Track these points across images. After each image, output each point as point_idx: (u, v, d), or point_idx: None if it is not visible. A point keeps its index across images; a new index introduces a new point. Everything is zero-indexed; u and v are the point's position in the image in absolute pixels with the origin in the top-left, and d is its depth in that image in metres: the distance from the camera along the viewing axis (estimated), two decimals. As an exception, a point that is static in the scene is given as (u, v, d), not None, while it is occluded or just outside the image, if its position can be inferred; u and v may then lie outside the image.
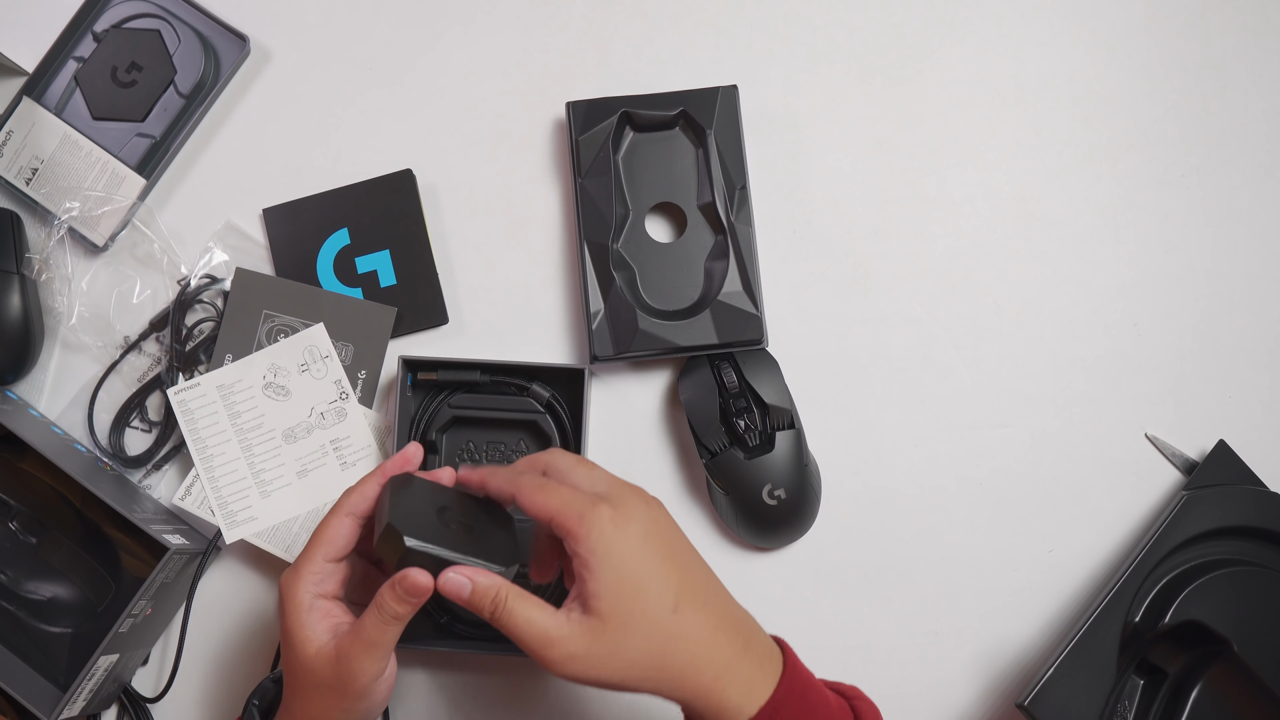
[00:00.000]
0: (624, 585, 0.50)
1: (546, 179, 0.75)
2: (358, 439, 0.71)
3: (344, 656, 0.53)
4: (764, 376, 0.70)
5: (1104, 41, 0.76)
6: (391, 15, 0.77)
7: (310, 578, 0.54)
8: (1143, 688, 0.67)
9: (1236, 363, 0.73)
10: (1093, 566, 0.71)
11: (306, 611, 0.54)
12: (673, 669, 0.50)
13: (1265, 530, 0.67)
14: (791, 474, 0.69)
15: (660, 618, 0.50)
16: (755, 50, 0.76)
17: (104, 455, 0.73)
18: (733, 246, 0.70)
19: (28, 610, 0.71)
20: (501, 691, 0.71)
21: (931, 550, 0.72)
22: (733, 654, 0.51)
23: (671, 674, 0.50)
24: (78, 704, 0.66)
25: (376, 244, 0.74)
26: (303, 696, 0.54)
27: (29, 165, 0.75)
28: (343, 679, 0.53)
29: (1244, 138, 0.75)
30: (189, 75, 0.75)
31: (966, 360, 0.73)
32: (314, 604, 0.54)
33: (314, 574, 0.54)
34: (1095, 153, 0.75)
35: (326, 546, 0.55)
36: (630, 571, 0.50)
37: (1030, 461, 0.72)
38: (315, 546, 0.55)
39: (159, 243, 0.75)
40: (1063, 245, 0.74)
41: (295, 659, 0.54)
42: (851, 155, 0.75)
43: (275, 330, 0.73)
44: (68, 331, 0.74)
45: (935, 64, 0.76)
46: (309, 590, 0.54)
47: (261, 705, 0.59)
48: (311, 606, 0.54)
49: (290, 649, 0.54)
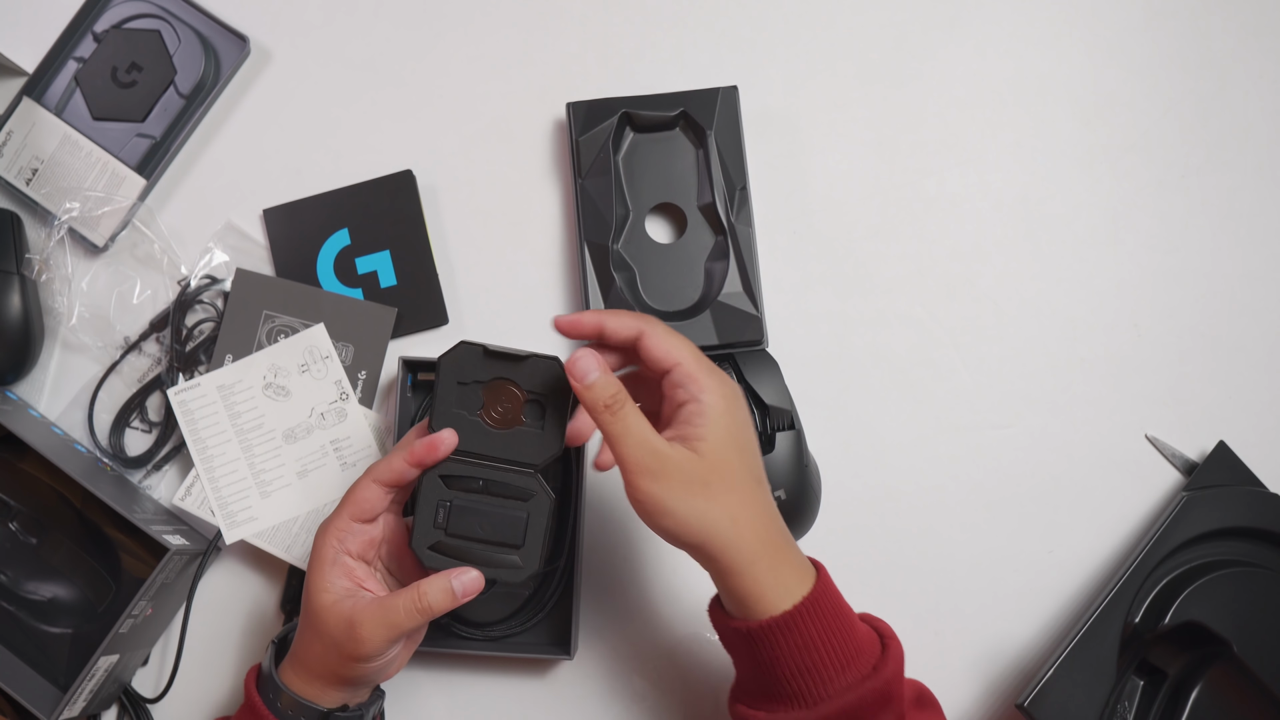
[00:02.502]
0: (731, 440, 0.53)
1: (547, 179, 0.75)
2: (358, 439, 0.71)
3: (360, 623, 0.55)
4: (764, 377, 0.70)
5: (1104, 42, 0.76)
6: (391, 16, 0.77)
7: (335, 533, 0.57)
8: (1143, 688, 0.67)
9: (1236, 363, 0.73)
10: (1093, 567, 0.71)
11: (330, 564, 0.57)
12: (737, 530, 0.53)
13: (1265, 531, 0.67)
14: (792, 474, 0.69)
15: (746, 480, 0.54)
16: (755, 50, 0.76)
17: (104, 455, 0.73)
18: (733, 247, 0.70)
19: (28, 611, 0.71)
20: (502, 692, 0.71)
21: (931, 550, 0.72)
22: (784, 544, 0.55)
23: (733, 536, 0.53)
24: (78, 704, 0.66)
25: (377, 244, 0.74)
26: (309, 639, 0.58)
27: (29, 165, 0.75)
28: (349, 640, 0.56)
29: (1244, 138, 0.75)
30: (189, 75, 0.75)
31: (966, 361, 0.73)
32: (337, 558, 0.57)
33: (339, 529, 0.57)
34: (1095, 153, 0.75)
35: (353, 506, 0.58)
36: (736, 433, 0.54)
37: (1030, 462, 0.72)
38: (344, 505, 0.58)
39: (159, 243, 0.75)
40: (1063, 246, 0.74)
41: (309, 604, 0.57)
42: (852, 156, 0.75)
43: (275, 331, 0.73)
44: (68, 332, 0.74)
45: (935, 64, 0.76)
46: (333, 544, 0.57)
47: (281, 648, 0.61)
48: (335, 560, 0.57)
49: (307, 594, 0.57)
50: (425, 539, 0.57)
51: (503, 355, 0.57)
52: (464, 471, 0.58)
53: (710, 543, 0.52)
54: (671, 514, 0.52)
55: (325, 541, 0.57)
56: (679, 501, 0.52)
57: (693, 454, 0.53)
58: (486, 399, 0.58)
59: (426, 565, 0.57)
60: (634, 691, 0.71)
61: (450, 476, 0.58)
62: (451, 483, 0.58)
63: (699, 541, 0.52)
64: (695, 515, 0.52)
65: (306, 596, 0.58)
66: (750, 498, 0.54)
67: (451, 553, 0.58)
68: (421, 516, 0.57)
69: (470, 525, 0.58)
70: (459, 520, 0.58)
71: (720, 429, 0.53)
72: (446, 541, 0.58)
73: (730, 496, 0.53)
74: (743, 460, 0.54)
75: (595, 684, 0.71)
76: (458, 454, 0.58)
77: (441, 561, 0.57)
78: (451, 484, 0.58)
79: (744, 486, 0.54)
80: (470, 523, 0.58)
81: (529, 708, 0.71)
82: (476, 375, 0.57)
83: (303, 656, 0.58)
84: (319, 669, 0.58)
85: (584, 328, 0.57)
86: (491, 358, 0.57)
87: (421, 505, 0.57)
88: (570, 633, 0.68)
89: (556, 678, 0.71)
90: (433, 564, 0.57)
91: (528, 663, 0.71)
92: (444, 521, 0.57)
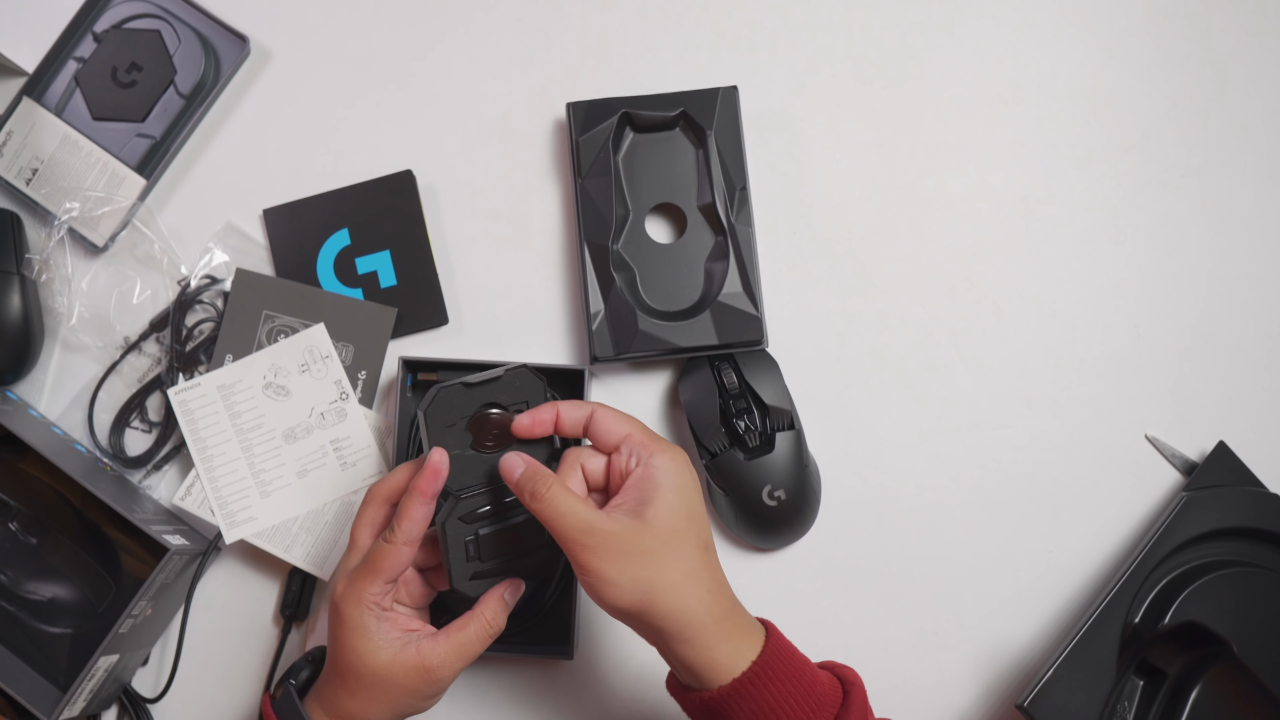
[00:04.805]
0: (679, 508, 0.54)
1: (547, 179, 0.75)
2: (358, 439, 0.71)
3: (434, 665, 0.56)
4: (764, 377, 0.70)
5: (1104, 42, 0.76)
6: (392, 16, 0.77)
7: (372, 599, 0.57)
8: (1142, 688, 0.67)
9: (1236, 363, 0.73)
10: (1092, 567, 0.71)
11: (376, 627, 0.57)
12: (680, 598, 0.53)
13: (1265, 531, 0.67)
14: (791, 475, 0.69)
15: (693, 547, 0.54)
16: (755, 50, 0.76)
17: (104, 456, 0.73)
18: (733, 247, 0.70)
19: (28, 611, 0.71)
20: (502, 692, 0.71)
21: (931, 550, 0.72)
22: (731, 608, 0.55)
23: (676, 603, 0.52)
24: (78, 704, 0.66)
25: (377, 244, 0.74)
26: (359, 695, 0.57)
27: (29, 165, 0.75)
28: (425, 684, 0.57)
29: (1244, 138, 0.75)
30: (189, 75, 0.75)
31: (966, 361, 0.73)
32: (381, 617, 0.57)
33: (374, 596, 0.57)
34: (1095, 153, 0.75)
35: (389, 573, 0.57)
36: (686, 499, 0.54)
37: (1030, 462, 0.72)
38: (376, 573, 0.57)
39: (159, 243, 0.75)
40: (1063, 246, 0.74)
41: (363, 669, 0.57)
42: (852, 156, 0.75)
43: (275, 330, 0.73)
44: (68, 332, 0.74)
45: (935, 65, 0.76)
46: (371, 610, 0.57)
47: (298, 684, 0.61)
48: (380, 619, 0.57)
49: (356, 658, 0.57)
50: (464, 575, 0.59)
51: (480, 383, 0.59)
52: (476, 505, 0.59)
53: (651, 610, 0.52)
54: (613, 583, 0.52)
55: (361, 612, 0.57)
56: (620, 571, 0.52)
57: (637, 522, 0.53)
58: (476, 430, 0.59)
59: (473, 595, 0.59)
60: (634, 691, 0.71)
61: (466, 515, 0.59)
62: (467, 517, 0.59)
63: (640, 609, 0.52)
64: (636, 584, 0.52)
65: (354, 659, 0.57)
66: (696, 565, 0.54)
67: (490, 574, 0.60)
68: (455, 559, 0.59)
69: (499, 547, 0.60)
70: (488, 547, 0.59)
71: (670, 492, 0.54)
72: (482, 568, 0.59)
73: (675, 564, 0.53)
74: (691, 525, 0.54)
75: (595, 684, 0.71)
76: (465, 489, 0.59)
77: (483, 586, 0.59)
78: (467, 519, 0.59)
79: (690, 554, 0.54)
80: (499, 545, 0.59)
81: (529, 708, 0.71)
82: (461, 412, 0.59)
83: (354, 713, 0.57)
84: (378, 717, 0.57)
85: (543, 426, 0.58)
86: (471, 389, 0.59)
87: (452, 550, 0.59)
88: (570, 633, 0.68)
89: (556, 678, 0.71)
90: (478, 592, 0.59)
91: (528, 663, 0.71)
92: (475, 554, 0.59)
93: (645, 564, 0.52)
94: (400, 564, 0.57)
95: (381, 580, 0.57)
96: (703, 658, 0.53)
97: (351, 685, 0.57)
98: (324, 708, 0.58)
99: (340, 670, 0.57)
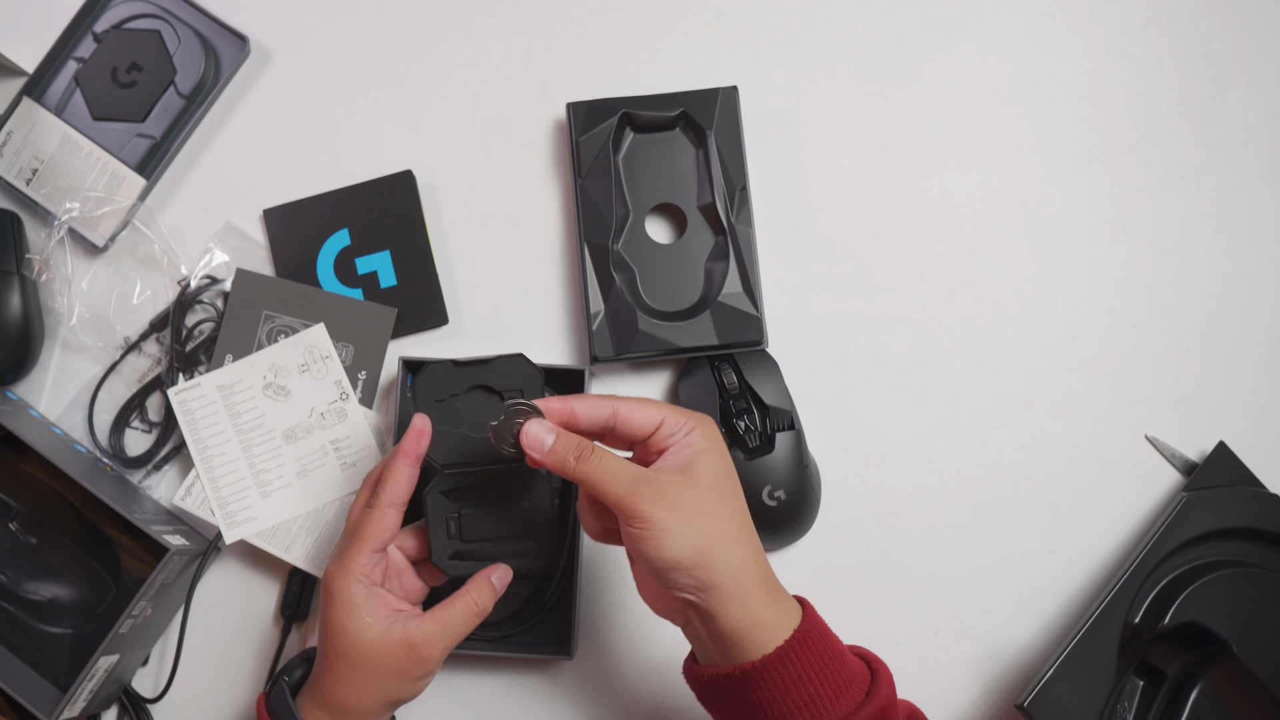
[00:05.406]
0: (725, 467, 0.53)
1: (547, 180, 0.75)
2: (358, 439, 0.71)
3: (420, 642, 0.57)
4: (764, 377, 0.70)
5: (1104, 42, 0.76)
6: (392, 16, 0.77)
7: (360, 570, 0.57)
8: (1142, 689, 0.67)
9: (1236, 363, 0.73)
10: (1093, 567, 0.71)
11: (364, 601, 0.57)
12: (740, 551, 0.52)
13: (1265, 532, 0.67)
14: (791, 475, 0.69)
15: (740, 508, 0.54)
16: (755, 50, 0.76)
17: (104, 456, 0.73)
18: (733, 247, 0.70)
19: (28, 611, 0.71)
20: (502, 692, 0.71)
21: (931, 550, 0.72)
22: (770, 579, 0.53)
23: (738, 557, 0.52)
24: (78, 704, 0.66)
25: (377, 244, 0.74)
26: (345, 678, 0.57)
27: (29, 165, 0.75)
28: (412, 663, 0.57)
29: (1244, 139, 0.75)
30: (189, 75, 0.75)
31: (966, 361, 0.73)
32: (370, 593, 0.57)
33: (363, 566, 0.57)
34: (1095, 154, 0.75)
35: (374, 539, 0.57)
36: (727, 464, 0.54)
37: (1030, 462, 0.72)
38: (362, 539, 0.57)
39: (159, 243, 0.75)
40: (1063, 246, 0.74)
41: (350, 646, 0.57)
42: (852, 156, 0.75)
43: (275, 331, 0.73)
44: (68, 332, 0.74)
45: (935, 65, 0.76)
46: (360, 583, 0.57)
47: (291, 682, 0.61)
48: (369, 596, 0.57)
49: (343, 637, 0.57)
50: (444, 551, 0.59)
51: (471, 363, 0.59)
52: (461, 483, 0.60)
53: (707, 562, 0.51)
54: (672, 533, 0.50)
55: (348, 583, 0.57)
56: (677, 521, 0.50)
57: (686, 476, 0.52)
58: (467, 410, 0.59)
59: (451, 574, 0.59)
60: (634, 691, 0.71)
61: (451, 490, 0.59)
62: (453, 495, 0.60)
63: (695, 560, 0.50)
64: (697, 534, 0.51)
65: (341, 640, 0.57)
66: (746, 522, 0.53)
67: (471, 556, 0.60)
68: (435, 532, 0.59)
69: (482, 528, 0.60)
70: (471, 527, 0.60)
71: (714, 454, 0.53)
72: (464, 548, 0.60)
73: (729, 518, 0.52)
74: (736, 492, 0.54)
75: (595, 684, 0.71)
76: (451, 466, 0.59)
77: (464, 567, 0.60)
78: (453, 496, 0.60)
79: (739, 511, 0.53)
80: (481, 526, 0.60)
81: (529, 708, 0.71)
82: (451, 389, 0.59)
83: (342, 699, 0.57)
84: (368, 705, 0.57)
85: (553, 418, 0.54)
86: (461, 368, 0.59)
87: (432, 523, 0.59)
88: (570, 633, 0.68)
89: (556, 678, 0.71)
90: (456, 571, 0.59)
91: (528, 663, 0.71)
92: (456, 532, 0.60)
93: (702, 514, 0.51)
94: (386, 529, 0.57)
95: (368, 548, 0.57)
96: (754, 615, 0.51)
97: (340, 669, 0.57)
98: (315, 700, 0.58)
99: (329, 656, 0.58)
